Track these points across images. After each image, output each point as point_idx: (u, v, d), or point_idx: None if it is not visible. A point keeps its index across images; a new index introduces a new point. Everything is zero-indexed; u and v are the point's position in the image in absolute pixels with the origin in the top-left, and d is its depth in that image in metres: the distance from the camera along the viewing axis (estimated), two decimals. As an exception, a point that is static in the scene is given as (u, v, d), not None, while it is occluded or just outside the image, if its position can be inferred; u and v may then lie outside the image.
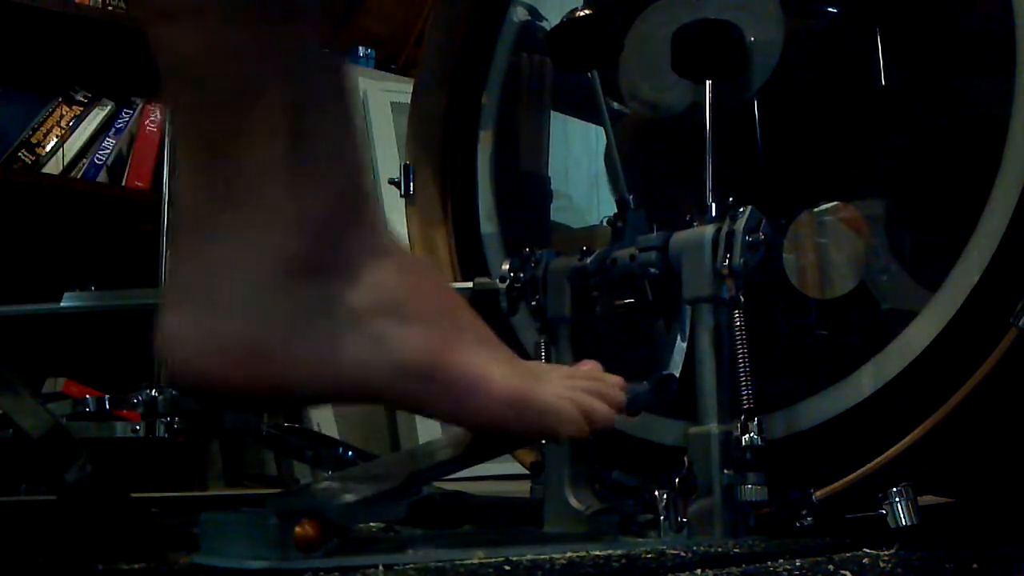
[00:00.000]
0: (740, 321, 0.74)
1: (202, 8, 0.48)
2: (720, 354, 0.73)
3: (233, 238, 0.49)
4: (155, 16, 0.49)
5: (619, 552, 0.60)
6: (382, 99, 2.86)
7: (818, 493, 0.72)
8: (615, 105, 1.02)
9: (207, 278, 0.49)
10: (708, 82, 0.85)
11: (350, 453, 1.12)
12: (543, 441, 0.60)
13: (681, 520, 0.69)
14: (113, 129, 2.20)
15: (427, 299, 0.55)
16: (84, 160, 2.17)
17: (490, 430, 0.59)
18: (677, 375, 0.75)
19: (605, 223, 0.93)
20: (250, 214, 0.49)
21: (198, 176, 0.50)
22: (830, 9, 0.94)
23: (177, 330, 0.50)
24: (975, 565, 0.57)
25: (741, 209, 0.75)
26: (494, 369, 0.56)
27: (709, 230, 0.75)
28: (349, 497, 0.53)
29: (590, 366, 0.67)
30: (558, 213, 1.21)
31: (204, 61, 0.49)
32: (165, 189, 2.05)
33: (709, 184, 0.81)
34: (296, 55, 0.50)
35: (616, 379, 0.66)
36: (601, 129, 0.96)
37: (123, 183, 2.15)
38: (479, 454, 0.63)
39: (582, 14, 0.95)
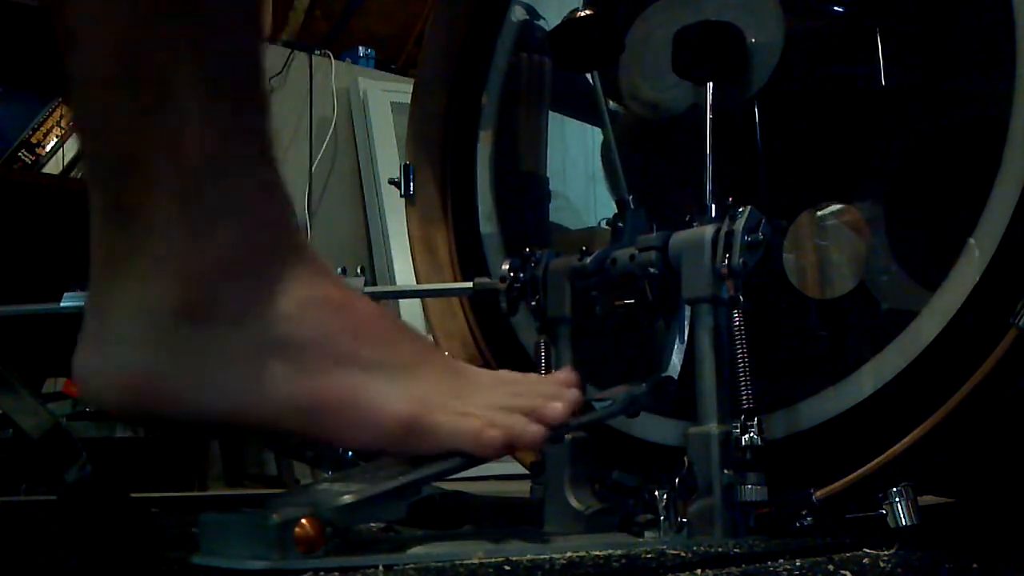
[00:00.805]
0: (740, 321, 0.74)
1: (94, 74, 0.51)
2: (720, 354, 0.73)
3: (126, 285, 0.54)
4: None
5: (619, 552, 0.60)
6: (382, 99, 2.86)
7: (818, 493, 0.72)
8: (612, 105, 1.02)
9: (104, 321, 0.54)
10: (709, 84, 0.85)
11: (350, 453, 1.12)
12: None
13: (681, 520, 0.69)
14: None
15: (321, 336, 0.56)
16: (84, 160, 2.17)
17: (395, 454, 0.59)
18: (677, 375, 0.75)
19: (605, 223, 0.93)
20: (139, 264, 0.53)
21: (99, 226, 0.54)
22: (830, 10, 0.94)
23: (81, 368, 0.55)
24: (975, 565, 0.57)
25: (741, 209, 0.75)
26: (379, 398, 0.57)
27: (709, 230, 0.75)
28: (349, 497, 0.53)
29: (563, 376, 0.66)
30: (555, 214, 1.21)
31: (95, 124, 0.53)
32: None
33: (709, 185, 0.81)
34: (197, 121, 0.52)
35: (567, 393, 0.63)
36: (598, 130, 0.96)
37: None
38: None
39: (582, 14, 0.95)
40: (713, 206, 0.79)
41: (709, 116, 0.84)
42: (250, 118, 0.55)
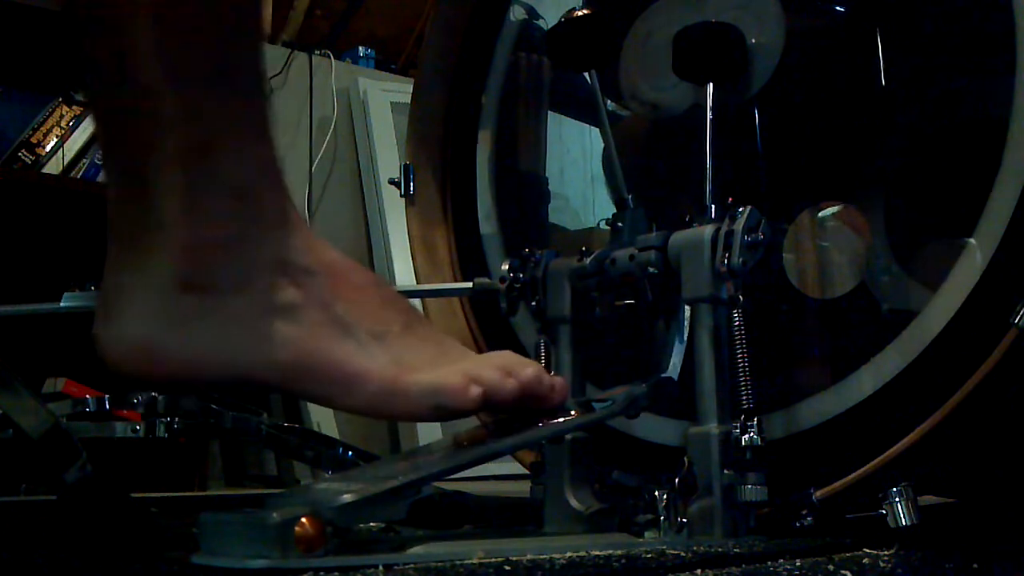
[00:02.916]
0: (740, 321, 0.74)
1: (111, 56, 0.55)
2: (719, 354, 0.73)
3: (136, 258, 0.58)
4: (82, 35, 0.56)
5: (619, 552, 0.60)
6: (382, 99, 2.86)
7: (818, 493, 0.72)
8: (610, 105, 1.02)
9: (116, 292, 0.58)
10: (709, 84, 0.85)
11: (350, 453, 1.12)
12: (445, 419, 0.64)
13: (681, 520, 0.70)
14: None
15: (316, 302, 0.61)
16: (84, 160, 2.17)
17: (378, 415, 0.64)
18: (676, 376, 0.75)
19: (604, 224, 0.93)
20: (148, 238, 0.57)
21: (114, 203, 0.58)
22: (830, 10, 0.94)
23: (99, 335, 0.59)
24: (975, 565, 0.57)
25: (740, 209, 0.75)
26: (365, 361, 0.62)
27: (708, 230, 0.75)
28: (349, 497, 0.53)
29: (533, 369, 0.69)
30: (554, 214, 1.21)
31: (109, 105, 0.57)
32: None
33: (709, 185, 0.81)
34: (200, 101, 0.56)
35: (531, 364, 0.68)
36: (596, 130, 0.96)
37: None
38: (479, 455, 0.63)
39: (580, 13, 0.95)
40: (713, 206, 0.79)
41: (709, 116, 0.84)
42: (247, 98, 0.59)
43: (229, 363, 0.59)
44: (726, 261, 0.73)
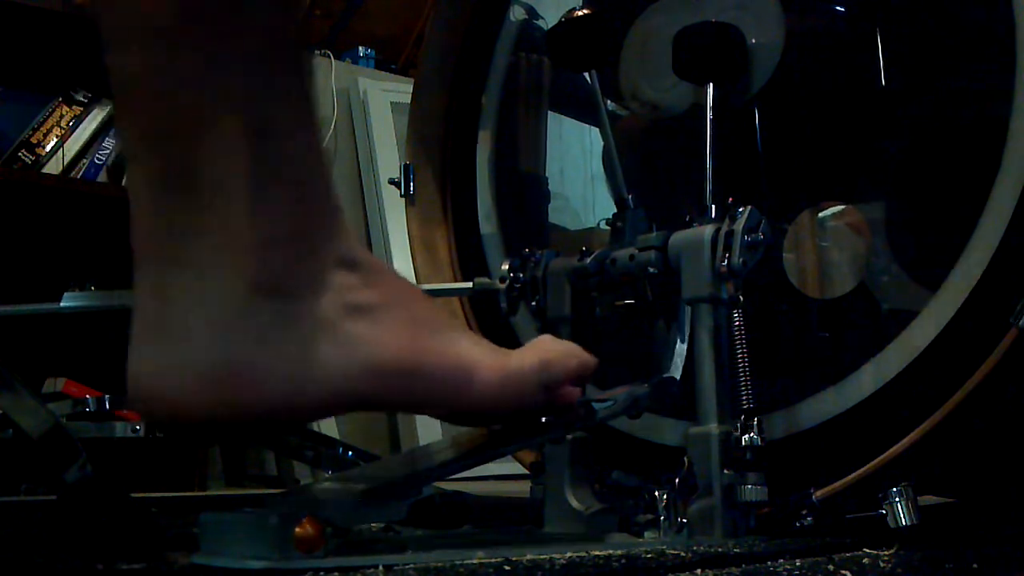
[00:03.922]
0: (740, 321, 0.74)
1: (150, 33, 0.48)
2: (719, 354, 0.73)
3: (192, 265, 0.49)
4: (105, 40, 0.48)
5: (619, 552, 0.60)
6: (382, 99, 2.86)
7: (818, 493, 0.72)
8: (611, 105, 1.02)
9: (170, 309, 0.49)
10: (709, 84, 0.85)
11: (350, 453, 1.12)
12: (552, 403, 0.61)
13: (681, 520, 0.70)
14: (113, 129, 2.20)
15: (394, 299, 0.55)
16: (84, 160, 2.17)
17: (489, 411, 0.59)
18: (678, 376, 0.75)
19: (604, 224, 0.93)
20: (206, 240, 0.49)
21: (153, 203, 0.50)
22: (830, 10, 0.94)
23: (147, 367, 0.49)
24: (975, 565, 0.57)
25: (741, 209, 0.75)
26: (474, 351, 0.57)
27: (708, 230, 0.75)
28: (349, 497, 0.53)
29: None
30: (554, 214, 1.21)
31: (155, 86, 0.48)
32: (165, 189, 2.05)
33: (709, 185, 0.81)
34: (251, 76, 0.49)
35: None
36: (596, 130, 0.96)
37: (123, 183, 2.15)
38: (479, 455, 0.63)
39: (580, 13, 0.95)
40: (713, 206, 0.79)
41: (709, 116, 0.84)
42: (295, 80, 0.52)
43: (329, 379, 0.51)
44: (726, 261, 0.73)
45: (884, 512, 0.69)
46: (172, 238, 0.49)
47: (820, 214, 0.82)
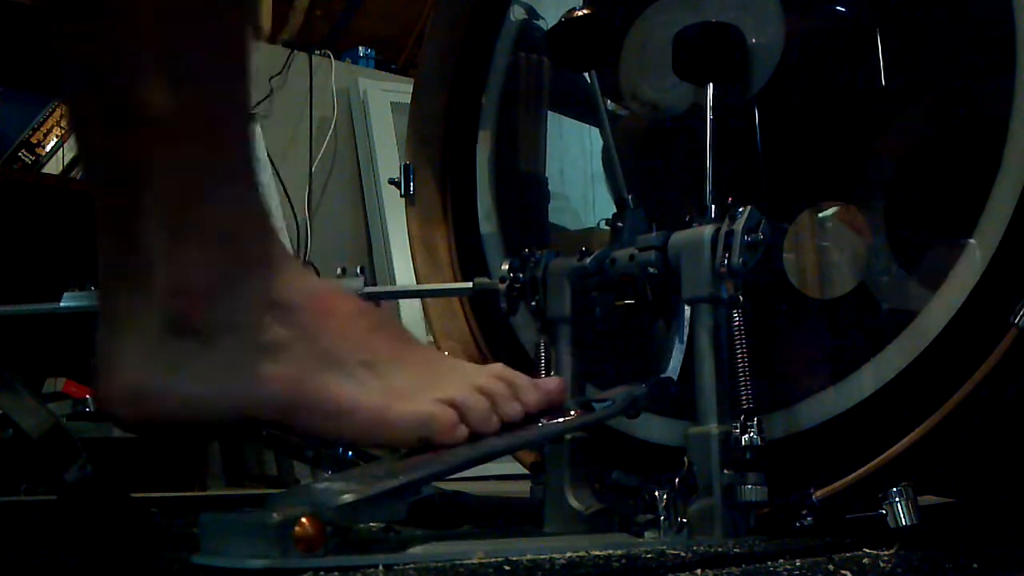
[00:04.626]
0: (739, 321, 0.74)
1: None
2: (719, 354, 0.73)
3: (125, 300, 0.58)
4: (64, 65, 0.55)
5: (619, 552, 0.60)
6: (382, 99, 2.86)
7: (818, 493, 0.72)
8: (611, 105, 1.02)
9: (112, 336, 0.58)
10: (709, 84, 0.85)
11: (350, 453, 1.12)
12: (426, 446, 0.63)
13: (681, 520, 0.70)
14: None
15: (306, 336, 0.61)
16: (84, 160, 2.17)
17: (369, 444, 0.66)
18: (676, 376, 0.75)
19: (604, 224, 0.93)
20: (135, 280, 0.57)
21: (101, 238, 0.58)
22: (830, 10, 0.94)
23: (97, 377, 0.59)
24: (975, 565, 0.57)
25: (740, 209, 0.75)
26: (354, 391, 0.62)
27: (708, 230, 0.75)
28: (349, 497, 0.53)
29: (552, 385, 0.70)
30: (554, 214, 1.21)
31: (90, 144, 0.57)
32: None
33: (709, 185, 0.81)
34: (171, 135, 0.55)
35: (527, 381, 0.68)
36: (596, 130, 0.96)
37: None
38: (479, 455, 0.63)
39: (579, 14, 0.95)
40: (713, 206, 0.79)
41: (709, 116, 0.84)
42: (233, 137, 0.59)
43: (220, 404, 0.59)
44: (726, 261, 0.73)
45: (884, 512, 0.69)
46: (112, 278, 0.58)
47: (820, 214, 0.82)
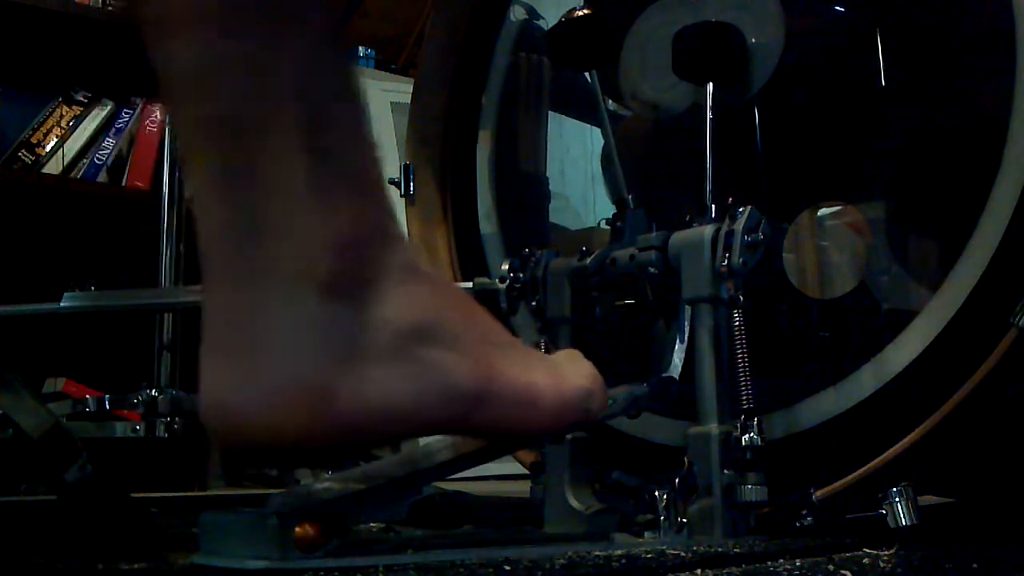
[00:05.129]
0: (740, 321, 0.74)
1: (203, 20, 0.45)
2: (719, 354, 0.73)
3: (259, 271, 0.45)
4: (153, 37, 0.46)
5: (619, 552, 0.60)
6: (382, 99, 2.86)
7: (818, 493, 0.72)
8: (611, 105, 1.02)
9: (242, 322, 0.45)
10: (709, 84, 0.85)
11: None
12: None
13: (681, 520, 0.70)
14: (113, 129, 2.19)
15: (459, 318, 0.52)
16: (84, 160, 2.16)
17: (541, 436, 0.59)
18: (677, 376, 0.75)
19: (604, 224, 0.93)
20: (270, 242, 0.45)
21: (213, 207, 0.47)
22: (830, 10, 0.94)
23: (223, 387, 0.46)
24: (975, 565, 0.57)
25: (740, 209, 0.75)
26: (535, 374, 0.55)
27: (708, 230, 0.75)
28: (349, 497, 0.53)
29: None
30: (554, 214, 1.21)
31: (210, 80, 0.45)
32: (165, 189, 2.05)
33: (709, 185, 0.81)
34: (307, 65, 0.46)
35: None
36: (596, 130, 0.96)
37: (123, 183, 2.15)
38: (479, 455, 0.63)
39: (580, 13, 0.95)
40: (713, 206, 0.79)
41: (709, 116, 0.84)
42: (344, 73, 0.49)
43: (404, 406, 0.48)
44: (726, 261, 0.73)
45: (884, 512, 0.69)
46: (237, 244, 0.46)
47: (820, 214, 0.82)
